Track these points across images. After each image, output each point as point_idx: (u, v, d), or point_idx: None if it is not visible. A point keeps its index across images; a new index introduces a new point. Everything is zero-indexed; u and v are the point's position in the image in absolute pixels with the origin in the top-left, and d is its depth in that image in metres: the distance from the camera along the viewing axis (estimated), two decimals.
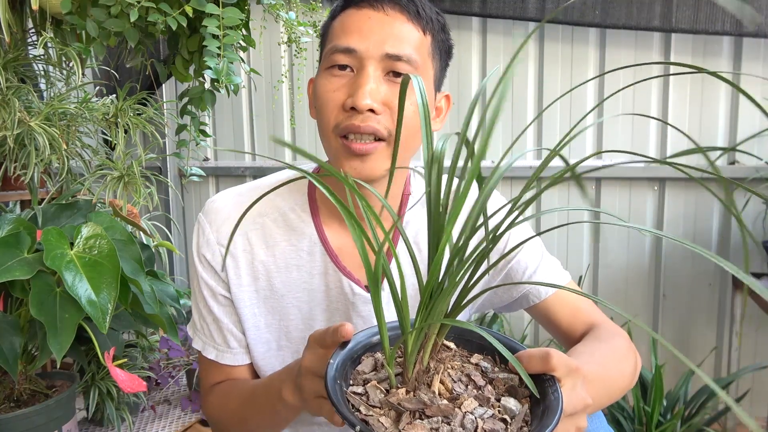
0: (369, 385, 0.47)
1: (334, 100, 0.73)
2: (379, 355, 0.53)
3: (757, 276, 1.77)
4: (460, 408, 0.45)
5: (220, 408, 0.82)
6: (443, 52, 0.80)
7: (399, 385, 0.47)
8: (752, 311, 1.89)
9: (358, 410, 0.45)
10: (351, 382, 0.49)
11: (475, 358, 0.55)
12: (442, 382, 0.47)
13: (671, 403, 1.75)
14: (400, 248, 0.84)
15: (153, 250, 1.26)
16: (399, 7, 0.74)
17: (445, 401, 0.45)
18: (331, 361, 0.50)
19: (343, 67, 0.74)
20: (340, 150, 0.74)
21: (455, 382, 0.48)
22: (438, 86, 0.81)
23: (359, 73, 0.73)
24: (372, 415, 0.44)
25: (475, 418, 0.44)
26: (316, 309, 0.83)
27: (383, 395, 0.46)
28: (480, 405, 0.46)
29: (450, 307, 0.49)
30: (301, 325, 0.84)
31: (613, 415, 1.72)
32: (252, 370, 0.87)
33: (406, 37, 0.73)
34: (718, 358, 1.99)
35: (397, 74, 0.73)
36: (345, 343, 0.54)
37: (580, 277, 2.01)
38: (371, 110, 0.71)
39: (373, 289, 0.46)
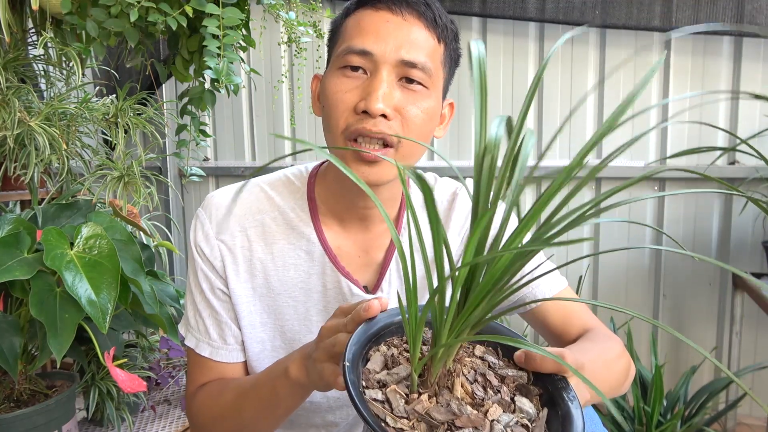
0: (389, 390, 0.45)
1: (345, 101, 0.72)
2: (383, 348, 0.52)
3: (757, 276, 1.77)
4: (486, 416, 0.44)
5: (212, 403, 0.79)
6: (453, 61, 0.80)
7: (420, 389, 0.46)
8: (752, 311, 1.88)
9: (385, 421, 0.43)
10: (364, 383, 0.47)
11: (479, 350, 0.54)
12: (461, 384, 0.46)
13: (671, 403, 1.75)
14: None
15: (153, 250, 1.26)
16: (417, 12, 0.73)
17: (469, 409, 0.44)
18: (349, 347, 0.48)
19: (355, 68, 0.72)
20: (348, 153, 0.73)
21: (472, 383, 0.47)
22: (444, 94, 0.81)
23: (373, 77, 0.72)
24: (402, 429, 0.42)
25: (503, 427, 0.43)
26: (312, 309, 0.83)
27: (405, 402, 0.45)
28: (504, 411, 0.45)
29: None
30: (296, 326, 0.83)
31: (613, 415, 1.72)
32: (244, 370, 0.86)
33: (422, 45, 0.73)
34: (718, 358, 1.99)
35: (410, 80, 0.73)
36: (367, 322, 0.53)
37: (580, 277, 2.01)
38: (383, 115, 0.70)
39: (414, 307, 0.45)
